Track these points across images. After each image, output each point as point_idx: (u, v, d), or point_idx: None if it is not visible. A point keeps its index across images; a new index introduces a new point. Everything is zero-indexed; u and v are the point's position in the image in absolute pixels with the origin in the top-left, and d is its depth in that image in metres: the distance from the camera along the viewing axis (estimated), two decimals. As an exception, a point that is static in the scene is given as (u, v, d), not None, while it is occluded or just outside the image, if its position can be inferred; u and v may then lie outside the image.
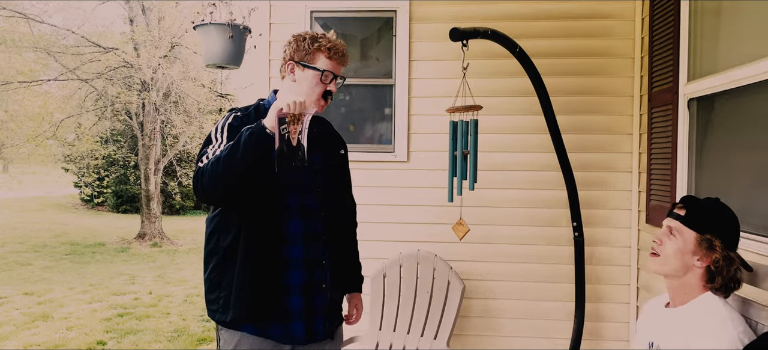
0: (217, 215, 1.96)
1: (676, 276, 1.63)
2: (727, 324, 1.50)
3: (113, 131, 14.12)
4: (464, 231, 2.51)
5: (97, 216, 16.49)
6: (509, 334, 3.30)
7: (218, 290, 1.95)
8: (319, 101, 1.96)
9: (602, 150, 3.25)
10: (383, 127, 3.43)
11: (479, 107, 2.38)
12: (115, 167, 15.76)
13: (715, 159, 2.48)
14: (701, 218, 1.60)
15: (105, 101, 12.21)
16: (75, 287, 8.02)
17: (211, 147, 1.88)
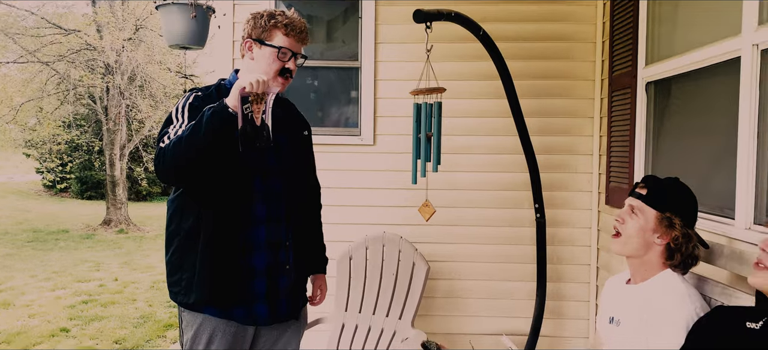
0: (178, 197, 1.94)
1: (638, 255, 1.68)
2: (684, 299, 1.56)
3: (76, 115, 13.75)
4: (430, 213, 2.54)
5: (61, 203, 16.09)
6: (474, 314, 3.36)
7: (180, 272, 1.93)
8: (278, 79, 1.94)
9: (565, 133, 3.31)
10: (349, 110, 3.42)
11: (443, 89, 2.40)
12: (78, 153, 15.37)
13: (670, 141, 2.55)
14: (662, 197, 1.65)
15: (67, 85, 11.88)
16: (37, 274, 7.84)
17: (172, 127, 1.85)
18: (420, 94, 2.41)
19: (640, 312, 1.63)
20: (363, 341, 2.87)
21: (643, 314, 1.62)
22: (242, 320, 1.94)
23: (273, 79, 1.93)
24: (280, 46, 1.91)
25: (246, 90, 1.67)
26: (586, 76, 3.28)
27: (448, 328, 3.34)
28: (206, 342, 1.92)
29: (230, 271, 1.89)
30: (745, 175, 1.87)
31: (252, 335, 2.01)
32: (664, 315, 1.56)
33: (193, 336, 1.93)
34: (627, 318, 1.68)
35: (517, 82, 2.88)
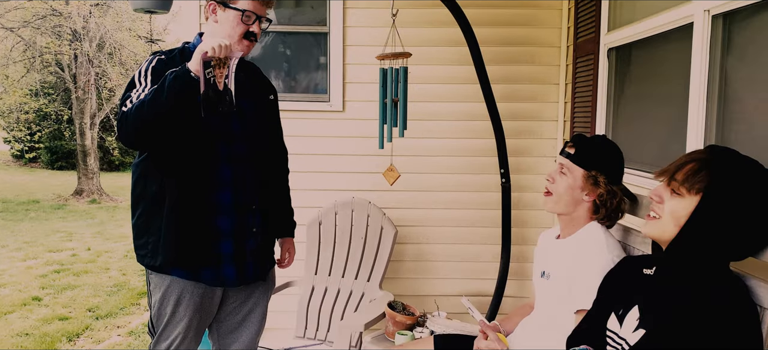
0: (143, 161, 1.94)
1: (567, 212, 1.76)
2: (603, 250, 1.65)
3: (44, 83, 13.41)
4: (395, 177, 2.59)
5: (31, 173, 15.78)
6: (441, 276, 3.44)
7: (147, 235, 1.95)
8: (242, 42, 1.94)
9: (531, 100, 3.37)
10: (319, 76, 3.43)
11: (408, 54, 2.42)
12: (47, 122, 15.02)
13: (630, 106, 2.62)
14: (588, 156, 1.73)
15: (33, 52, 11.55)
16: (8, 245, 7.74)
17: (134, 91, 1.84)
18: (386, 59, 2.44)
19: (567, 264, 1.71)
20: (332, 302, 2.93)
21: (568, 266, 1.70)
22: (210, 281, 1.97)
23: (237, 42, 1.93)
24: (244, 9, 1.90)
25: (208, 55, 1.67)
26: (552, 43, 3.32)
27: (416, 290, 3.42)
28: (174, 303, 1.95)
29: (196, 233, 1.92)
30: (695, 137, 1.95)
31: (220, 296, 2.05)
32: (585, 265, 1.64)
33: (161, 298, 1.96)
34: (556, 272, 1.76)
35: (484, 49, 2.92)
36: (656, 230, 1.32)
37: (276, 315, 3.16)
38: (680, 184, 1.26)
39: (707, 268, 1.24)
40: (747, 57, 1.80)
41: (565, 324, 1.63)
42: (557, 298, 1.74)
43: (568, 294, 1.69)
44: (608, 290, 1.52)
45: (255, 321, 2.17)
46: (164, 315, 1.97)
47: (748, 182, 1.20)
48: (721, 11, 1.83)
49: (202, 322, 2.03)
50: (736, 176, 1.21)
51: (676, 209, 1.26)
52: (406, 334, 2.42)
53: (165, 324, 1.98)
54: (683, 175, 1.26)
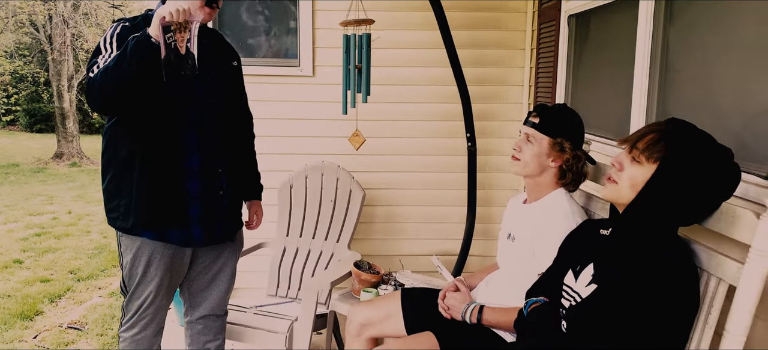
0: (112, 126, 2.00)
1: (533, 175, 1.86)
2: (567, 215, 1.75)
3: (19, 44, 13.15)
4: (360, 142, 2.67)
5: (9, 136, 15.60)
6: (411, 237, 3.57)
7: (118, 198, 2.01)
8: (204, 10, 1.97)
9: (498, 65, 3.44)
10: (289, 41, 3.46)
11: (371, 20, 2.48)
12: (24, 84, 14.79)
13: (587, 72, 2.71)
14: (553, 124, 1.82)
15: (6, 12, 11.30)
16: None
17: (100, 57, 1.89)
18: (349, 25, 2.49)
19: (532, 228, 1.82)
20: (303, 263, 3.04)
21: (533, 229, 1.81)
22: (179, 242, 2.06)
23: (200, 8, 1.96)
24: None
25: (166, 20, 1.69)
26: (518, 9, 3.38)
27: (386, 250, 3.54)
28: (145, 264, 2.03)
29: (165, 196, 1.99)
30: (638, 104, 2.05)
31: (189, 256, 2.14)
32: (549, 229, 1.75)
33: (132, 259, 2.04)
34: (521, 234, 1.87)
35: (452, 14, 2.97)
36: (614, 194, 1.42)
37: (249, 275, 3.28)
38: (640, 152, 1.35)
39: (658, 232, 1.35)
40: (686, 29, 1.89)
41: (526, 283, 1.74)
42: (520, 258, 1.86)
43: (531, 256, 1.80)
44: (568, 249, 1.64)
45: (224, 279, 2.27)
46: (136, 275, 2.05)
47: (701, 155, 1.28)
48: (663, -16, 1.91)
49: (172, 282, 2.12)
50: (691, 149, 1.29)
51: (635, 175, 1.35)
52: (370, 292, 2.54)
53: (137, 283, 2.06)
54: (644, 144, 1.34)
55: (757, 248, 1.19)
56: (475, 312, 1.81)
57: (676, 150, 1.30)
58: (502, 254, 2.00)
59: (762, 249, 1.18)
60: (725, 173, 1.29)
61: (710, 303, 1.31)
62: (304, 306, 2.46)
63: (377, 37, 3.25)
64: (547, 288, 1.64)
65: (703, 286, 1.35)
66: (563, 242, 1.65)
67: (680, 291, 1.27)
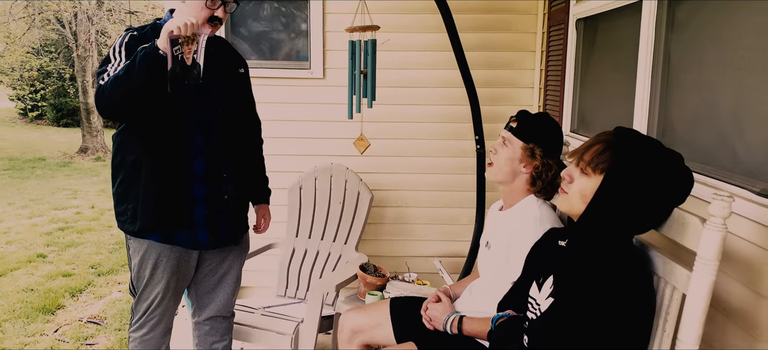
0: (122, 131, 2.06)
1: (507, 181, 1.87)
2: (537, 222, 1.76)
3: (46, 40, 13.45)
4: (365, 146, 2.69)
5: (37, 130, 15.98)
6: (420, 238, 3.59)
7: (126, 202, 2.08)
8: (207, 26, 2.02)
9: (508, 67, 3.43)
10: (300, 43, 3.50)
11: (377, 27, 2.49)
12: (51, 79, 15.13)
13: (595, 76, 2.70)
14: (527, 130, 1.82)
15: (33, 9, 11.56)
16: (15, 202, 7.97)
17: (110, 65, 1.95)
18: (355, 31, 2.51)
19: (506, 235, 1.83)
20: (311, 263, 3.09)
21: (507, 237, 1.82)
22: (185, 244, 2.11)
23: (202, 25, 2.02)
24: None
25: (174, 33, 1.75)
26: (529, 11, 3.36)
27: (394, 251, 3.57)
28: (152, 266, 2.10)
29: (172, 200, 2.04)
30: (641, 111, 2.04)
31: (196, 259, 2.19)
32: (520, 236, 1.76)
33: (139, 261, 2.11)
34: (496, 242, 1.88)
35: (462, 17, 2.97)
36: (566, 206, 1.42)
37: (259, 275, 3.34)
38: (587, 164, 1.35)
39: (611, 241, 1.35)
40: (687, 35, 1.87)
41: (502, 291, 1.75)
42: (495, 267, 1.87)
43: (505, 263, 1.81)
44: (532, 260, 1.65)
45: (230, 282, 2.32)
46: (143, 277, 2.12)
47: (647, 163, 1.27)
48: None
49: (179, 283, 2.18)
50: (636, 157, 1.28)
51: (583, 187, 1.35)
52: (375, 295, 2.57)
53: (144, 285, 2.13)
54: (590, 155, 1.34)
55: (701, 256, 1.18)
56: (455, 322, 1.83)
57: (621, 160, 1.29)
58: (481, 262, 2.01)
59: (706, 258, 1.17)
60: (674, 179, 1.28)
61: (666, 310, 1.31)
62: (310, 308, 2.50)
63: (387, 39, 3.28)
64: (517, 299, 1.65)
65: (660, 293, 1.34)
66: (529, 253, 1.66)
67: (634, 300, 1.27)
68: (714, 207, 1.16)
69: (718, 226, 1.15)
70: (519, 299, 1.61)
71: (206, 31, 1.88)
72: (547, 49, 3.19)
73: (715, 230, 1.16)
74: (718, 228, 1.15)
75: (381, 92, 3.23)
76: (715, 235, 1.16)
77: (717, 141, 1.60)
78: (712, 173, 1.63)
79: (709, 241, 1.16)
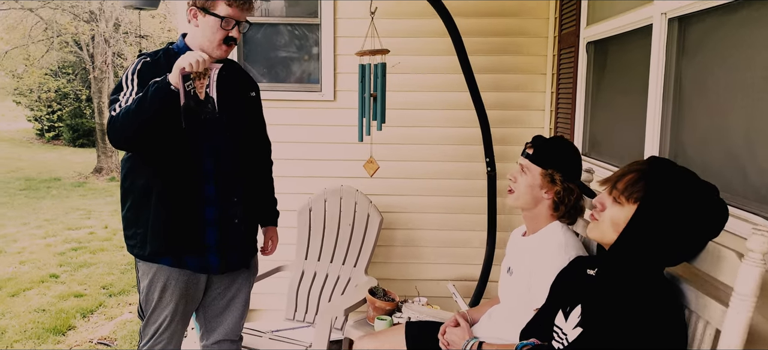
0: (131, 157, 2.07)
1: (529, 207, 1.84)
2: (561, 249, 1.73)
3: (64, 63, 13.70)
4: (374, 168, 2.69)
5: (54, 151, 16.20)
6: (430, 261, 3.56)
7: (135, 227, 2.08)
8: (221, 47, 2.04)
9: (519, 89, 3.42)
10: (311, 66, 3.52)
11: (386, 50, 2.50)
12: (68, 100, 15.38)
13: (606, 100, 2.68)
14: (545, 155, 1.80)
15: (52, 32, 11.80)
16: (29, 222, 8.05)
17: (122, 94, 1.95)
18: (365, 55, 2.52)
19: (528, 261, 1.80)
20: (321, 287, 3.07)
21: (530, 263, 1.79)
22: (196, 268, 2.11)
23: (217, 46, 2.04)
24: (223, 15, 2.00)
25: (186, 70, 1.75)
26: (540, 34, 3.36)
27: (404, 274, 3.54)
28: (161, 289, 2.09)
29: (182, 224, 2.04)
30: (652, 133, 2.01)
31: (204, 282, 2.18)
32: (543, 262, 1.73)
33: (148, 285, 2.10)
34: (518, 268, 1.85)
35: (472, 39, 2.97)
36: (597, 234, 1.40)
37: (268, 297, 3.33)
38: (620, 193, 1.33)
39: (643, 272, 1.32)
40: (698, 58, 1.85)
41: (524, 318, 1.72)
42: (518, 294, 1.84)
43: (527, 291, 1.78)
44: (558, 288, 1.61)
45: (238, 306, 2.30)
46: (152, 300, 2.11)
47: (681, 195, 1.25)
48: (676, 15, 1.88)
49: (188, 307, 2.17)
50: (670, 188, 1.26)
51: (616, 216, 1.33)
52: (384, 319, 2.54)
53: (153, 308, 2.12)
54: (623, 184, 1.32)
55: (739, 292, 1.15)
56: (473, 348, 1.80)
57: (655, 190, 1.27)
58: (502, 288, 1.98)
59: (744, 293, 1.14)
60: (709, 211, 1.26)
61: (699, 346, 1.28)
62: (318, 333, 2.48)
63: (397, 62, 3.29)
64: (541, 327, 1.61)
65: (692, 328, 1.31)
66: (555, 280, 1.63)
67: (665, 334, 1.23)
68: (753, 242, 1.13)
69: (757, 261, 1.13)
70: (543, 327, 1.58)
71: (218, 66, 1.88)
72: (558, 72, 3.18)
73: (754, 265, 1.13)
74: (757, 263, 1.13)
75: (391, 114, 3.24)
76: (754, 270, 1.13)
77: (729, 165, 1.58)
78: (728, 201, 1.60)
79: (747, 276, 1.14)
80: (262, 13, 3.47)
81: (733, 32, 1.65)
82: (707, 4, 1.70)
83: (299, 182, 3.44)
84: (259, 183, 2.37)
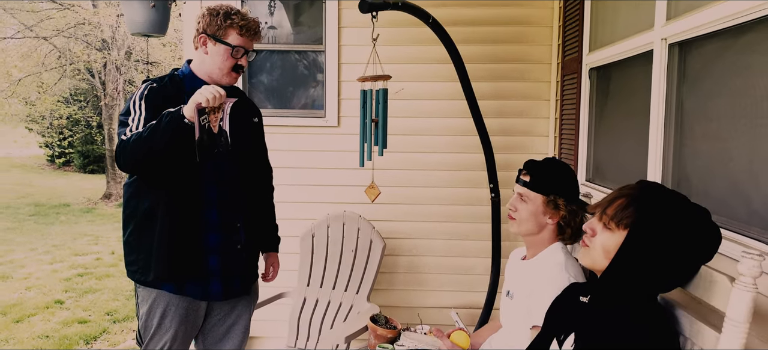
0: (134, 182, 2.07)
1: (533, 233, 1.82)
2: (561, 268, 1.69)
3: (77, 90, 13.90)
4: (375, 194, 2.68)
5: (64, 177, 16.33)
6: (434, 288, 3.52)
7: (137, 252, 2.07)
8: (231, 75, 2.06)
9: (523, 115, 3.42)
10: (316, 93, 3.54)
11: (388, 76, 2.51)
12: (79, 127, 15.56)
13: (608, 126, 2.66)
14: (544, 181, 1.78)
15: (65, 60, 12.01)
16: (37, 248, 8.07)
17: (131, 119, 1.95)
18: (367, 80, 2.53)
19: (528, 285, 1.77)
20: (322, 314, 3.04)
21: (529, 287, 1.76)
22: (197, 296, 2.09)
23: (226, 74, 2.06)
24: (234, 45, 2.02)
25: (202, 105, 1.75)
26: (543, 60, 3.37)
27: (408, 301, 3.50)
28: (160, 315, 2.08)
29: (185, 250, 2.03)
30: (654, 161, 1.99)
31: (204, 309, 2.17)
32: (543, 283, 1.70)
33: (148, 311, 2.09)
34: (519, 292, 1.82)
35: (476, 66, 2.98)
36: (589, 260, 1.38)
37: (269, 324, 3.30)
38: (610, 219, 1.30)
39: (635, 298, 1.29)
40: (699, 84, 1.84)
41: (524, 343, 1.69)
42: (518, 318, 1.80)
43: (527, 315, 1.75)
44: (552, 315, 1.58)
45: (238, 332, 2.28)
46: (151, 326, 2.10)
47: (672, 219, 1.22)
48: (676, 40, 1.87)
49: (187, 334, 2.16)
50: (660, 213, 1.24)
51: (607, 242, 1.31)
52: (386, 347, 2.49)
53: (152, 335, 2.11)
54: (613, 210, 1.30)
55: (731, 317, 1.12)
56: None
57: (645, 215, 1.25)
58: (503, 313, 1.95)
59: (736, 319, 1.11)
60: (701, 235, 1.23)
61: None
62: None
63: (401, 88, 3.31)
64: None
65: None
66: (549, 308, 1.60)
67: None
68: (744, 266, 1.10)
69: (749, 286, 1.09)
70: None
71: (232, 100, 1.88)
72: (562, 98, 3.17)
73: (745, 290, 1.10)
74: (749, 288, 1.09)
75: (395, 140, 3.24)
76: (745, 295, 1.10)
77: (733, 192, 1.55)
78: (729, 226, 1.57)
79: (739, 302, 1.11)
80: (269, 41, 3.51)
81: (734, 58, 1.64)
82: (708, 29, 1.70)
83: (303, 207, 3.44)
84: (260, 209, 2.37)
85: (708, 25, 1.68)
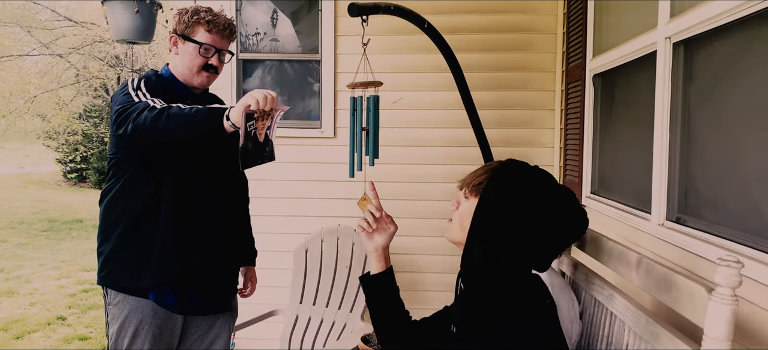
0: (117, 192, 1.97)
1: None
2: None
3: (92, 106, 14.06)
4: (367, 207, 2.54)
5: (80, 193, 16.45)
6: (434, 307, 3.35)
7: (123, 258, 1.95)
8: (201, 74, 1.97)
9: (526, 125, 3.27)
10: (312, 103, 3.44)
11: (379, 83, 2.39)
12: (93, 143, 15.72)
13: (613, 133, 2.51)
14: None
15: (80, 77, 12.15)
16: (46, 263, 8.06)
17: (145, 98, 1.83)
18: (357, 87, 2.42)
19: None
20: (315, 332, 2.91)
21: None
22: (173, 308, 1.98)
23: (196, 73, 1.97)
24: (202, 42, 1.94)
25: (251, 108, 1.60)
26: (547, 68, 3.23)
27: (408, 320, 3.35)
28: (132, 334, 1.95)
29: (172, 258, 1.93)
30: (659, 170, 1.84)
31: (180, 326, 2.05)
32: None
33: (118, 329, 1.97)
34: None
35: (476, 75, 2.86)
36: (450, 235, 1.36)
37: (260, 343, 3.17)
38: (469, 189, 1.29)
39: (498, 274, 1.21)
40: (704, 82, 1.69)
41: None
42: None
43: None
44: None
45: (218, 349, 2.17)
46: (121, 346, 1.98)
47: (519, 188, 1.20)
48: (681, 38, 1.73)
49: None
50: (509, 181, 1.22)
51: (463, 211, 1.30)
52: (376, 368, 2.36)
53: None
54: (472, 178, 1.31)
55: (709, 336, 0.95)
56: None
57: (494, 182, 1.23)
58: None
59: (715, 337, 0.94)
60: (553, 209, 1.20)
61: None
62: (304, 383, 2.31)
63: (399, 98, 3.19)
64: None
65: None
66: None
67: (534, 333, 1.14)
68: (720, 275, 0.93)
69: (726, 298, 0.93)
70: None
71: (284, 108, 1.73)
72: (566, 108, 3.02)
73: (723, 302, 0.93)
74: (727, 301, 0.93)
75: (392, 152, 3.13)
76: (724, 309, 0.93)
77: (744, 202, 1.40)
78: (741, 239, 1.42)
79: (716, 316, 0.94)
80: (267, 50, 3.42)
81: (743, 52, 1.49)
82: (715, 23, 1.55)
83: (296, 221, 3.32)
84: (237, 221, 2.27)
85: (715, 19, 1.54)
